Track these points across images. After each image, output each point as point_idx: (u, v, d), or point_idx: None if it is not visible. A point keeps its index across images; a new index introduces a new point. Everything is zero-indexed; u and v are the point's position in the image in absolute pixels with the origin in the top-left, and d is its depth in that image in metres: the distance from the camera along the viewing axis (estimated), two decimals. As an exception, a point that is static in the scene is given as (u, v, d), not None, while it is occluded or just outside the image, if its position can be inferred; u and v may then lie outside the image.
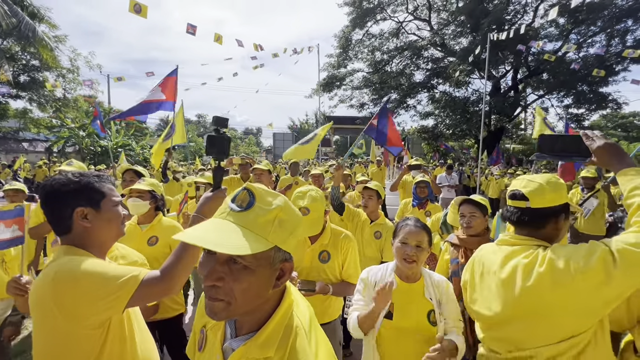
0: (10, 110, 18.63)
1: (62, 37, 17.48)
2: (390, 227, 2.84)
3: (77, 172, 1.14)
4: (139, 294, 0.99)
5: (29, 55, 17.03)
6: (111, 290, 0.96)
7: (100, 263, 1.03)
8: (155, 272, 1.05)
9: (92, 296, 0.95)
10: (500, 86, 20.17)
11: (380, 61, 21.09)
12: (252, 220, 0.66)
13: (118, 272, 1.00)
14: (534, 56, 17.84)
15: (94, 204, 1.11)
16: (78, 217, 1.08)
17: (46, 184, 1.11)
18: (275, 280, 0.71)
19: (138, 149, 19.83)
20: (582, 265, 1.00)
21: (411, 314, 1.45)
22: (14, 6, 13.38)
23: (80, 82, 18.63)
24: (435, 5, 19.96)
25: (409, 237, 1.51)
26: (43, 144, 21.88)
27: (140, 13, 4.49)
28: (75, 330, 0.95)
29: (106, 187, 1.15)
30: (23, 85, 17.25)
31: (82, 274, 0.95)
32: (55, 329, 0.94)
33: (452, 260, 2.03)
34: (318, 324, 0.79)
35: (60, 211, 1.08)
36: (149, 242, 2.18)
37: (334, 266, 1.90)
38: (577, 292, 1.01)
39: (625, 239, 0.99)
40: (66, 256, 1.02)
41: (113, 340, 1.02)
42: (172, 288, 1.05)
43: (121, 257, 1.49)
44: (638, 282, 0.97)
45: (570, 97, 18.43)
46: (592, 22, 15.91)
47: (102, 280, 0.96)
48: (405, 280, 1.53)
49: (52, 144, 19.33)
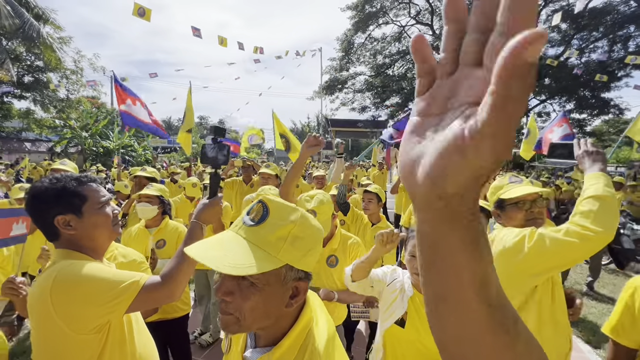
0: (14, 111, 18.75)
1: (67, 39, 17.61)
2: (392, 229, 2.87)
3: (55, 177, 1.06)
4: (140, 299, 0.98)
5: (33, 56, 17.16)
6: (112, 296, 0.94)
7: (101, 268, 1.01)
8: (157, 278, 1.04)
9: (93, 301, 0.93)
10: (502, 91, 20.18)
11: (382, 65, 21.18)
12: (263, 237, 0.63)
13: (119, 277, 0.99)
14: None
15: (74, 210, 1.04)
16: (60, 225, 1.02)
17: (28, 191, 1.06)
18: (289, 299, 0.67)
19: (140, 149, 19.90)
20: (511, 238, 1.30)
21: (425, 326, 1.36)
22: (20, 7, 13.51)
23: (84, 84, 18.75)
24: (438, 10, 20.06)
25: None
26: (46, 144, 21.99)
27: (144, 16, 4.54)
28: (75, 335, 0.93)
29: (87, 190, 1.07)
30: (27, 85, 17.36)
31: (82, 279, 0.94)
32: (54, 333, 0.92)
33: None
34: (339, 343, 0.75)
35: (42, 219, 1.03)
36: (157, 245, 2.26)
37: (341, 271, 1.90)
38: (504, 260, 1.30)
39: (557, 228, 1.22)
40: (65, 260, 1.00)
41: (113, 343, 1.01)
42: (173, 293, 1.05)
43: (121, 256, 1.49)
44: (544, 266, 1.25)
45: (572, 102, 18.44)
46: (595, 28, 15.96)
47: (103, 285, 0.95)
48: (420, 291, 1.44)
49: (55, 144, 19.42)
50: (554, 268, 1.31)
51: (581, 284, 4.80)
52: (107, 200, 1.12)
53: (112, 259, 1.45)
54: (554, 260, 1.24)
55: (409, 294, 1.42)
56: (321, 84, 17.65)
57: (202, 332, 3.26)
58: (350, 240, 1.97)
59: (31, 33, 13.43)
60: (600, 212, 1.18)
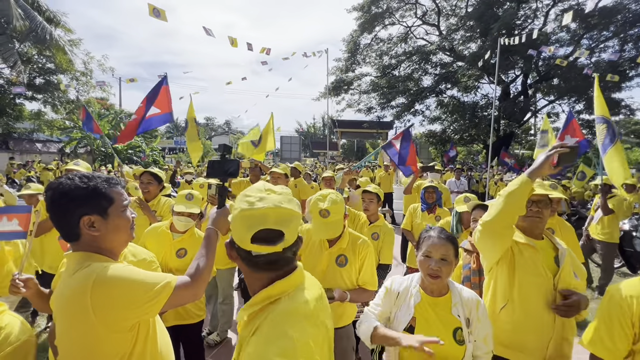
0: (26, 112, 19.12)
1: (77, 41, 17.94)
2: (389, 228, 2.98)
3: (84, 176, 1.05)
4: (171, 299, 1.01)
5: (44, 59, 17.49)
6: (149, 297, 0.97)
7: (136, 270, 1.03)
8: (185, 278, 1.07)
9: (132, 303, 0.96)
10: (509, 91, 19.97)
11: (388, 66, 21.08)
12: None
13: (154, 279, 1.01)
14: (544, 61, 17.64)
15: (101, 211, 1.03)
16: (84, 225, 1.02)
17: (51, 187, 1.03)
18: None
19: (148, 150, 20.14)
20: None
21: (435, 330, 1.34)
22: (32, 11, 13.79)
23: (93, 85, 19.06)
24: (444, 10, 19.92)
25: (433, 250, 1.40)
26: (56, 145, 22.38)
27: (160, 17, 4.64)
28: (109, 334, 0.95)
29: (115, 192, 1.08)
30: (38, 87, 17.70)
31: (122, 282, 0.96)
32: (88, 333, 0.94)
33: (464, 265, 2.03)
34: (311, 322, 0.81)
35: (66, 219, 1.02)
36: (177, 253, 2.26)
37: (350, 271, 1.91)
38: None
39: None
40: (93, 262, 1.00)
41: (141, 340, 1.03)
42: (199, 293, 1.10)
43: (131, 255, 1.51)
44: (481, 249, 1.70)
45: (581, 102, 18.15)
46: (605, 27, 15.67)
47: (141, 287, 0.98)
48: (430, 294, 1.42)
49: (65, 145, 19.76)
50: (483, 252, 1.70)
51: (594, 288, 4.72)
52: (128, 204, 1.14)
53: (122, 257, 1.46)
54: (483, 250, 1.68)
55: (417, 300, 1.40)
56: (327, 85, 17.61)
57: (209, 331, 3.29)
58: (360, 240, 1.97)
59: (43, 36, 13.70)
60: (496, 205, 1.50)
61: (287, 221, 0.82)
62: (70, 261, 1.04)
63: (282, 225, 0.80)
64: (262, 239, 0.79)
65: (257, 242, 0.79)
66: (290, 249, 0.84)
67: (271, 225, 0.79)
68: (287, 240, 0.81)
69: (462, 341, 1.33)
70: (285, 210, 0.82)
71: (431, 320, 1.37)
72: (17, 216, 1.64)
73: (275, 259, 0.82)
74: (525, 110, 18.75)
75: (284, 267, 0.85)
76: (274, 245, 0.79)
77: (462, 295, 1.42)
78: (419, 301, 1.37)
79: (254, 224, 0.79)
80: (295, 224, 0.84)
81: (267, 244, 0.79)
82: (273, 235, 0.80)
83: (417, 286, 1.45)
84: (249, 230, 0.79)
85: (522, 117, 19.13)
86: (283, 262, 0.84)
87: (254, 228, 0.79)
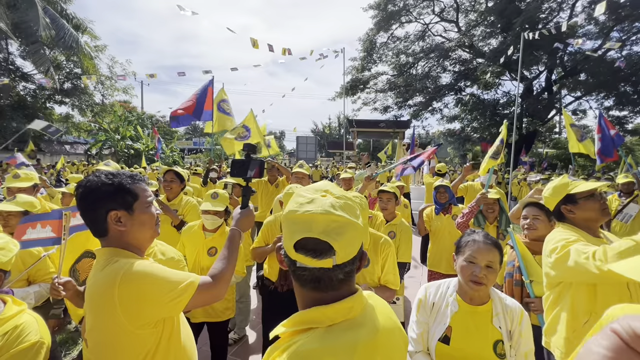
0: (55, 116, 20.07)
1: (102, 47, 18.72)
2: (406, 226, 2.96)
3: (110, 173, 1.09)
4: (195, 298, 1.03)
5: (72, 64, 18.33)
6: (174, 295, 0.99)
7: (162, 267, 1.05)
8: (208, 279, 1.09)
9: (157, 300, 0.98)
10: (532, 88, 19.25)
11: (405, 64, 20.78)
12: None
13: (179, 277, 1.03)
14: (570, 56, 16.88)
15: (127, 206, 1.07)
16: (112, 220, 1.05)
17: (80, 185, 1.08)
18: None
19: (168, 151, 20.71)
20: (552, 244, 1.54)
21: (473, 342, 1.24)
22: (61, 19, 14.49)
23: (117, 89, 19.81)
24: (463, 6, 19.43)
25: (478, 256, 1.29)
26: (83, 146, 23.41)
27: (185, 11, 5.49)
28: (134, 330, 0.98)
29: (139, 188, 1.11)
30: (67, 91, 18.56)
31: (149, 278, 0.98)
32: (113, 327, 0.97)
33: (508, 262, 2.01)
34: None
35: (94, 214, 1.06)
36: (209, 252, 2.32)
37: (373, 271, 1.92)
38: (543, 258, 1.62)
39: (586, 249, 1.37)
40: (121, 258, 1.03)
41: (165, 337, 1.05)
42: (222, 293, 1.11)
43: (160, 254, 1.54)
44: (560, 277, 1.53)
45: (611, 98, 17.25)
46: (637, 18, 14.83)
47: (167, 284, 1.00)
48: (469, 302, 1.31)
49: (91, 146, 20.64)
50: (568, 279, 1.53)
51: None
52: (152, 200, 1.17)
53: (151, 255, 1.50)
54: (568, 276, 1.50)
55: (454, 308, 1.31)
56: (343, 85, 17.53)
57: (228, 330, 3.33)
58: (382, 239, 1.97)
59: (71, 43, 14.37)
60: (626, 251, 1.22)
61: (339, 232, 0.65)
62: (100, 256, 1.08)
63: (331, 236, 0.64)
64: (308, 249, 0.65)
65: (301, 252, 0.66)
66: (342, 268, 0.67)
67: (317, 234, 0.64)
68: (338, 256, 0.65)
69: (503, 355, 1.22)
70: (338, 218, 0.66)
71: (470, 331, 1.26)
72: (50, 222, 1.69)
73: (319, 277, 0.67)
74: (550, 107, 18.01)
75: (328, 289, 0.68)
76: (320, 259, 0.64)
77: (504, 304, 1.31)
78: (456, 310, 1.29)
79: (298, 230, 0.66)
80: (351, 237, 0.67)
81: (312, 256, 0.65)
82: (321, 247, 0.65)
83: (455, 294, 1.35)
84: (292, 236, 0.67)
85: (546, 114, 18.39)
86: (327, 283, 0.67)
87: (297, 235, 0.66)
